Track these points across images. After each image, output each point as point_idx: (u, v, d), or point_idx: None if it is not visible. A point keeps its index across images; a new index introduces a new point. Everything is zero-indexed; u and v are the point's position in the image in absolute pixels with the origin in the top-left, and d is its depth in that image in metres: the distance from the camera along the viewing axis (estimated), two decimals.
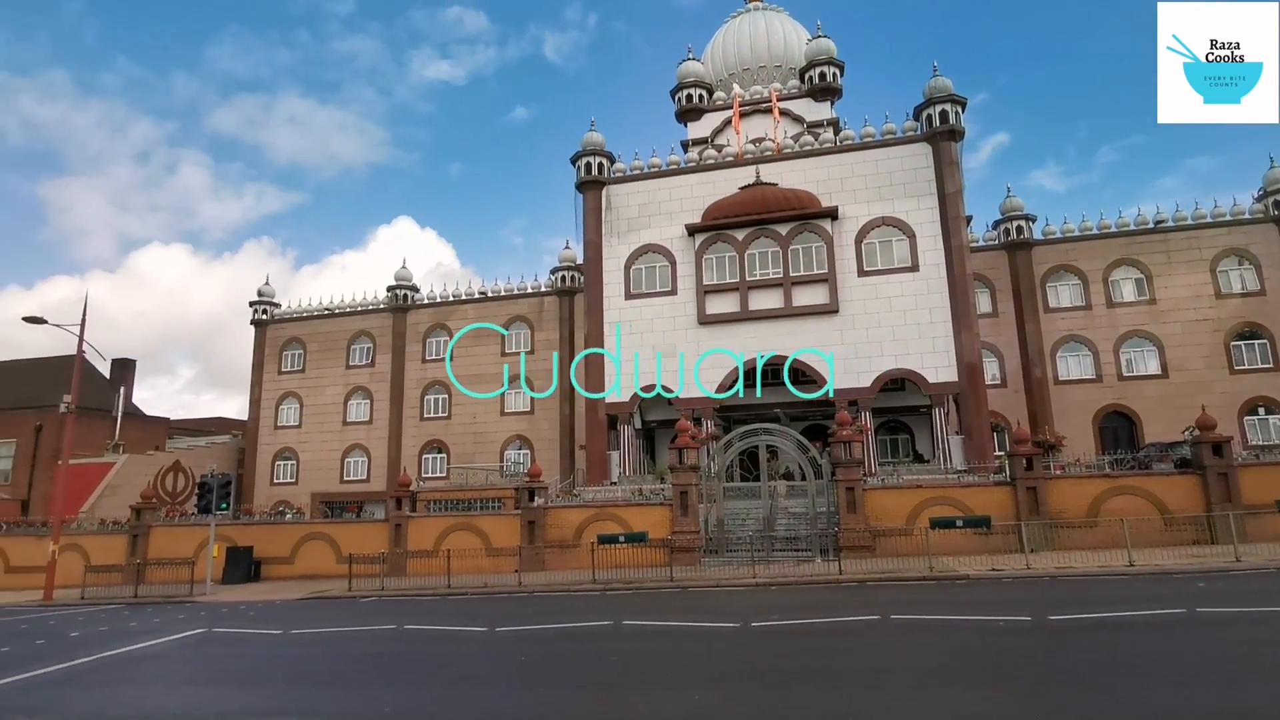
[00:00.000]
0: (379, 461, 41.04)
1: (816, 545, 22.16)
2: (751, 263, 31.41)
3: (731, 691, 8.38)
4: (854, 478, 22.52)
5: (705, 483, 24.21)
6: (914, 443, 34.17)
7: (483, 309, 41.53)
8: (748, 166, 32.89)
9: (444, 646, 12.24)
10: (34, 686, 10.56)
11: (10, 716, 8.79)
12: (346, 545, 24.60)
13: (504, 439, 39.43)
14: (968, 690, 7.88)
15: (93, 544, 27.37)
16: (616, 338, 32.34)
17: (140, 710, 8.88)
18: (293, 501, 40.40)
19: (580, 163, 34.26)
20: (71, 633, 15.88)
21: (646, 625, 13.03)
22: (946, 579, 17.24)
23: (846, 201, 31.29)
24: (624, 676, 9.62)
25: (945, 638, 10.89)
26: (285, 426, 43.28)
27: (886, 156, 31.44)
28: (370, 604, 18.89)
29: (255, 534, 27.09)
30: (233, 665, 11.94)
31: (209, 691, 10.17)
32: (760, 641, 11.42)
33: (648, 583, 19.18)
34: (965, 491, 22.70)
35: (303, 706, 8.53)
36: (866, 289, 30.46)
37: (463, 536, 24.34)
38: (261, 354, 44.56)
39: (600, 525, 23.57)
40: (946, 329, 29.32)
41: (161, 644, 13.78)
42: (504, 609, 16.24)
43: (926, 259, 30.08)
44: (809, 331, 30.47)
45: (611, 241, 33.37)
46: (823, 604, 14.53)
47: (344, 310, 44.14)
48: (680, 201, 33.09)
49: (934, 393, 29.25)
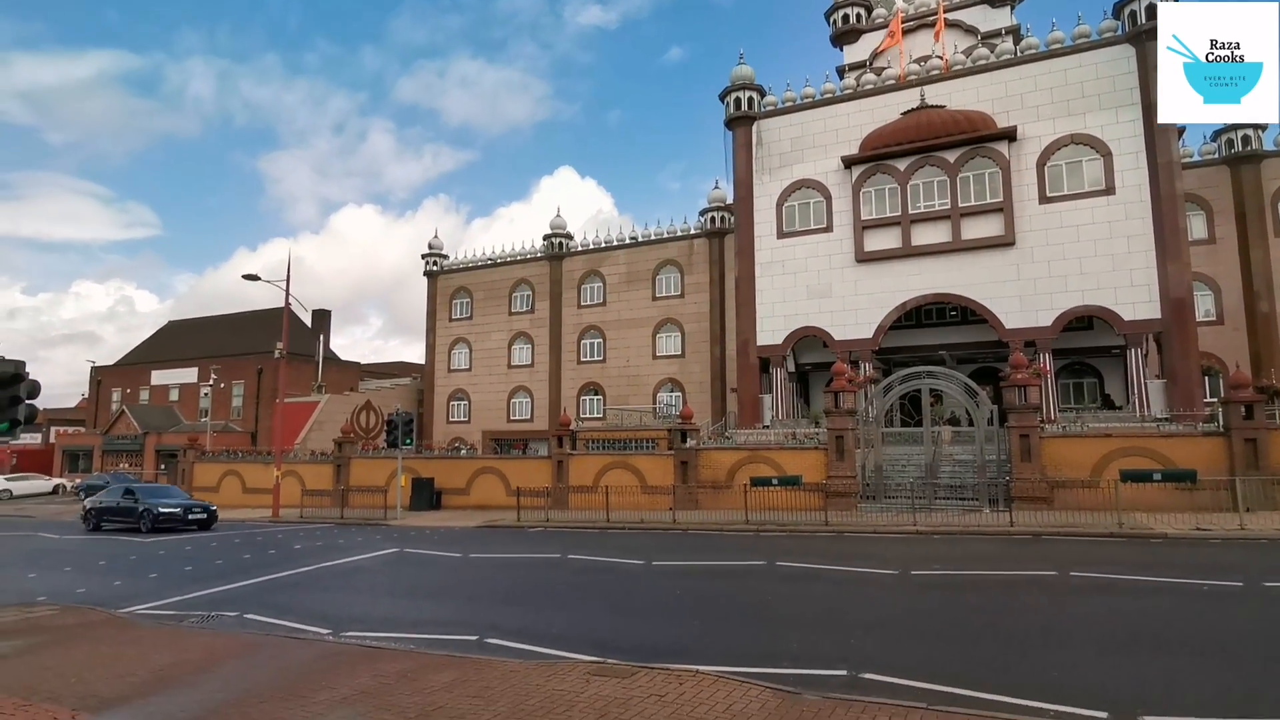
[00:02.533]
0: (541, 402, 43.47)
1: (985, 495, 20.88)
2: (915, 194, 29.25)
3: (888, 639, 8.19)
4: (1029, 424, 20.80)
5: (863, 427, 23.42)
6: (1102, 387, 30.92)
7: (633, 254, 42.08)
8: (911, 89, 30.32)
9: (604, 577, 12.95)
10: (273, 588, 12.48)
11: (260, 610, 10.46)
12: (515, 479, 26.49)
13: (656, 381, 40.26)
14: (1160, 657, 7.17)
15: (306, 471, 31.48)
16: (768, 278, 31.62)
17: (352, 614, 10.23)
18: (466, 438, 43.99)
19: (729, 98, 33.23)
20: (295, 545, 18.51)
21: (800, 567, 13.00)
22: (1139, 536, 15.64)
23: (1027, 120, 28.10)
24: (777, 616, 9.70)
25: (1135, 599, 9.92)
26: (457, 370, 46.84)
27: (1078, 64, 27.72)
28: (537, 534, 20.32)
29: (435, 467, 29.85)
30: (422, 581, 13.38)
31: (405, 602, 11.50)
32: (921, 591, 11.03)
33: (801, 526, 19.07)
34: (1166, 442, 20.28)
35: (482, 621, 9.41)
36: (1049, 217, 27.46)
37: (619, 474, 25.38)
38: (434, 303, 48.19)
39: (753, 468, 23.62)
40: (1148, 259, 25.89)
41: (364, 559, 15.71)
42: (659, 544, 16.85)
43: (1125, 180, 26.50)
44: (980, 267, 28.11)
45: (763, 179, 32.34)
46: (990, 556, 13.74)
47: (505, 260, 46.49)
48: (835, 133, 31.28)
49: (1129, 332, 26.12)
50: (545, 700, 5.91)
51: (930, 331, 31.34)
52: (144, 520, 22.85)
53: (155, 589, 12.66)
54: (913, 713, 5.46)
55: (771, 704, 5.71)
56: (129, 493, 24.59)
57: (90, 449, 49.70)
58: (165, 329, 63.17)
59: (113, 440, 48.66)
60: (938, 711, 5.49)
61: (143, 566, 15.65)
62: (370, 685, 6.47)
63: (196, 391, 50.70)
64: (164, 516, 22.92)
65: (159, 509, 23.04)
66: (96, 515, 24.39)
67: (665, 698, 5.90)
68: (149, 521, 22.78)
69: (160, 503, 23.55)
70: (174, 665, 7.35)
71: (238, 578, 13.53)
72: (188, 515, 23.32)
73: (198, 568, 15.11)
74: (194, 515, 23.46)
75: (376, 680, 6.61)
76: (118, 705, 6.16)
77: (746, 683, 6.25)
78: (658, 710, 5.63)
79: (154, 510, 22.92)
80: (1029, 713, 5.54)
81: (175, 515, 23.15)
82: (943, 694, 6.05)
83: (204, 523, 23.63)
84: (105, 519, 24.23)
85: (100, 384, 56.41)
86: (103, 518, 24.28)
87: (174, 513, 23.20)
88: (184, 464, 34.70)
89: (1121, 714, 5.59)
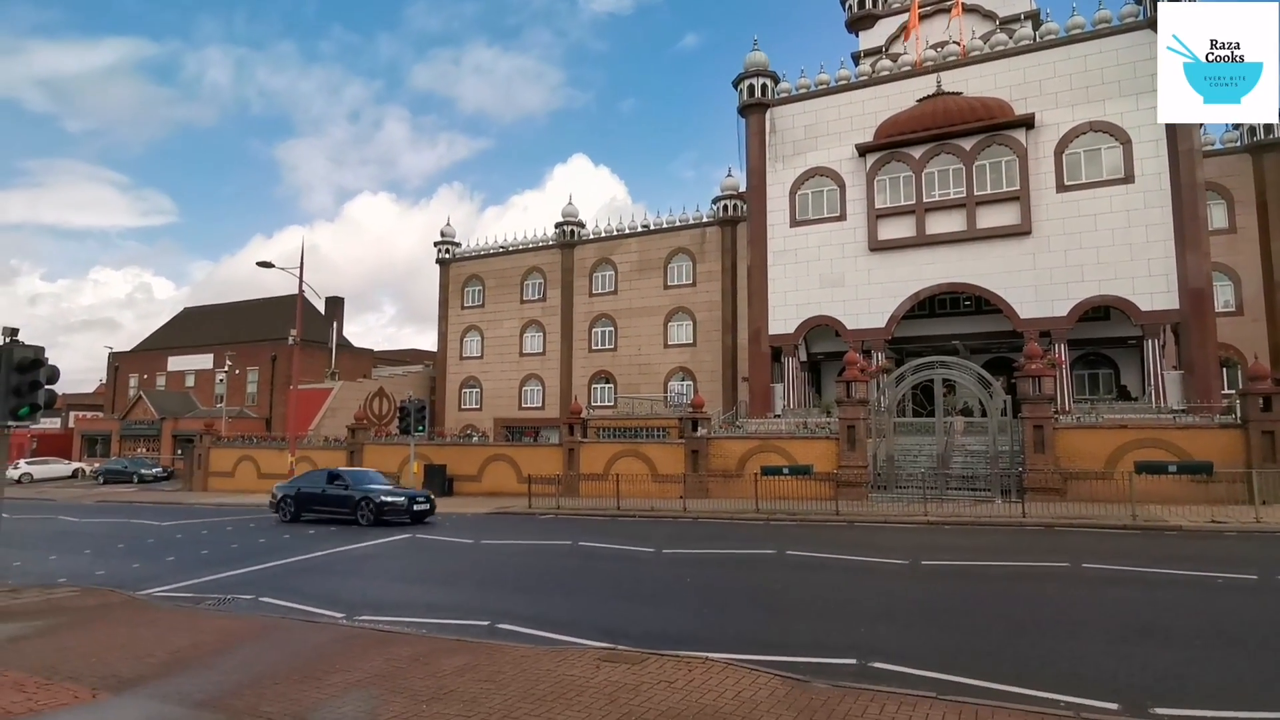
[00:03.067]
0: (552, 390, 43.59)
1: (997, 486, 20.78)
2: (930, 182, 28.96)
3: (898, 628, 8.20)
4: (1043, 415, 20.66)
5: (874, 417, 23.34)
6: (1118, 378, 30.61)
7: (645, 242, 41.96)
8: (927, 76, 29.95)
9: (615, 564, 13.01)
10: (287, 573, 12.64)
11: (275, 594, 10.60)
12: (526, 466, 26.61)
13: (667, 370, 40.25)
14: (1172, 649, 7.13)
15: (320, 457, 31.76)
16: (781, 267, 31.47)
17: (365, 598, 10.35)
18: (478, 425, 44.22)
19: (742, 85, 32.95)
20: (309, 531, 18.71)
21: (810, 557, 13.01)
22: (1153, 529, 15.53)
23: (1045, 107, 27.71)
24: (787, 605, 9.72)
25: (1148, 592, 9.87)
26: (469, 357, 47.02)
27: (1098, 50, 27.27)
28: (548, 521, 20.44)
29: (447, 454, 30.03)
30: (434, 567, 13.51)
31: (417, 588, 11.62)
32: (931, 581, 11.01)
33: (812, 515, 19.06)
34: (1182, 434, 20.09)
35: (494, 607, 9.50)
36: (1066, 206, 27.12)
37: (630, 462, 25.45)
38: (446, 290, 48.32)
39: (763, 457, 23.62)
40: (1167, 248, 25.54)
41: (376, 545, 15.86)
42: (669, 532, 16.91)
43: (1145, 168, 26.11)
44: (995, 256, 27.84)
45: (776, 167, 32.11)
46: (1002, 547, 13.69)
47: (516, 248, 46.50)
48: (850, 120, 30.97)
49: (1147, 322, 25.83)
50: (556, 685, 5.96)
51: (944, 321, 31.10)
52: (363, 511, 19.50)
53: (172, 572, 12.85)
54: (922, 702, 5.47)
55: (780, 691, 5.73)
56: (336, 478, 21.45)
57: (108, 434, 50.39)
58: (181, 315, 63.78)
59: (130, 425, 49.30)
60: (947, 701, 5.49)
61: (160, 550, 15.89)
62: (383, 668, 6.55)
63: (212, 377, 51.21)
64: (388, 507, 19.44)
65: (382, 497, 19.68)
66: (295, 504, 21.24)
67: (675, 684, 5.94)
68: (370, 513, 19.37)
69: (380, 490, 20.27)
70: (191, 647, 7.47)
71: (252, 562, 13.72)
72: (412, 505, 19.72)
73: (213, 551, 15.32)
74: (418, 505, 19.87)
75: (389, 664, 6.69)
76: (137, 685, 6.28)
77: (756, 670, 6.28)
78: (667, 696, 5.66)
79: (375, 499, 19.56)
80: (1039, 703, 5.53)
81: (399, 506, 19.57)
82: (952, 683, 6.05)
83: (426, 514, 19.99)
84: (309, 509, 21.07)
85: (118, 370, 57.08)
86: (305, 507, 21.13)
87: (397, 502, 19.65)
88: (200, 449, 35.11)
89: (1133, 705, 5.57)
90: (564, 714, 5.34)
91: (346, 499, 20.17)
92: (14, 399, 10.34)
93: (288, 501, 21.48)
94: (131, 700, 5.93)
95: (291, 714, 5.49)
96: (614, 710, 5.39)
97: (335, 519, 20.20)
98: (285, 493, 21.83)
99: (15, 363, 10.35)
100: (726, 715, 5.25)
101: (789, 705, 5.42)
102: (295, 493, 21.58)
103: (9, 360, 10.31)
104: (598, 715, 5.30)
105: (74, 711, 5.69)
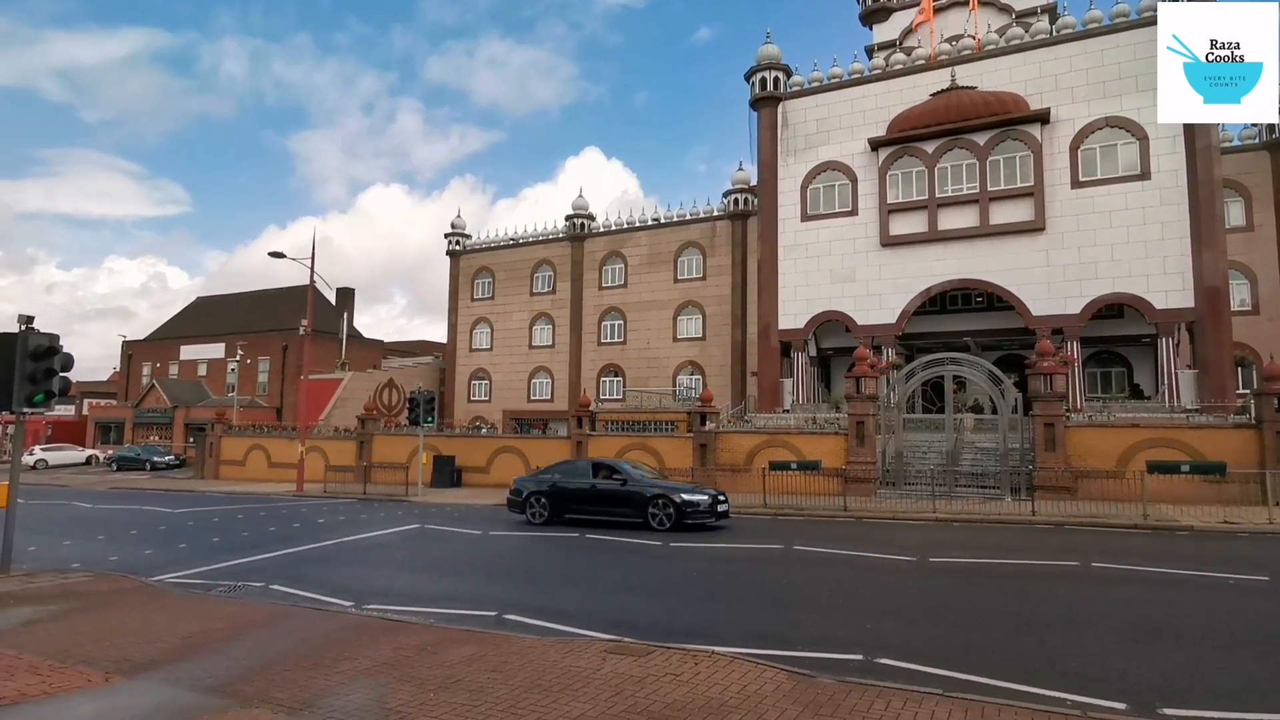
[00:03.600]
0: (561, 383, 43.67)
1: (1007, 483, 20.69)
2: (943, 177, 28.76)
3: (905, 624, 8.18)
4: (1054, 413, 20.53)
5: (884, 413, 23.26)
6: (1131, 376, 30.39)
7: (655, 236, 41.91)
8: (942, 70, 29.71)
9: (622, 557, 13.04)
10: (297, 561, 12.75)
11: (285, 582, 10.70)
12: (534, 458, 26.68)
13: (676, 364, 40.23)
14: (1182, 649, 7.08)
15: (330, 447, 31.97)
16: (791, 261, 31.35)
17: (374, 587, 10.42)
18: (486, 417, 44.39)
19: (754, 78, 32.77)
20: (319, 519, 18.86)
21: (818, 552, 13.00)
22: (1164, 529, 15.43)
23: (1061, 102, 27.44)
24: (794, 599, 9.72)
25: (1158, 591, 9.81)
26: (479, 349, 47.16)
27: (1115, 44, 26.96)
28: None
29: (456, 445, 30.15)
30: (443, 557, 13.58)
31: (425, 577, 11.69)
32: (938, 578, 10.98)
33: (820, 511, 19.03)
34: (1195, 433, 19.91)
35: (501, 597, 9.55)
36: (1081, 202, 26.88)
37: (638, 456, 25.44)
38: (456, 282, 48.44)
39: (772, 452, 23.59)
40: (1183, 246, 25.28)
41: (386, 535, 15.97)
42: None
43: (1161, 164, 25.84)
44: (1007, 252, 27.64)
45: (787, 161, 31.95)
46: (1011, 545, 13.63)
47: (527, 240, 46.54)
48: (863, 114, 30.77)
49: (1161, 320, 25.59)
50: (562, 676, 5.99)
51: (955, 317, 30.94)
52: (656, 512, 15.60)
53: (184, 558, 12.99)
54: (928, 699, 5.46)
55: (786, 686, 5.73)
56: (608, 470, 17.28)
57: (122, 421, 50.88)
58: (194, 305, 64.23)
59: (143, 413, 49.76)
60: (953, 698, 5.48)
61: (172, 536, 16.06)
62: (391, 657, 6.60)
63: (224, 367, 51.61)
64: (691, 508, 15.53)
65: (682, 495, 15.70)
66: (549, 502, 17.12)
67: (681, 677, 5.96)
68: (667, 515, 15.45)
69: (675, 487, 16.41)
70: (202, 633, 7.55)
71: (263, 550, 13.84)
72: (715, 506, 15.99)
73: (224, 539, 15.46)
74: (720, 505, 16.20)
75: (397, 652, 6.74)
76: (149, 669, 6.35)
77: (762, 664, 6.28)
78: (673, 689, 5.68)
79: (674, 498, 15.55)
80: (1046, 702, 5.51)
81: (701, 507, 15.69)
82: (959, 680, 6.04)
83: (725, 515, 16.37)
84: (571, 508, 17.03)
85: (131, 358, 57.58)
86: (564, 507, 17.07)
87: (700, 502, 15.74)
88: (212, 438, 35.40)
89: (1141, 705, 5.55)
90: (570, 705, 5.36)
91: (630, 497, 16.28)
92: (29, 386, 10.46)
93: (538, 500, 17.29)
94: (143, 684, 6.00)
95: (301, 700, 5.54)
96: (620, 702, 5.41)
97: (612, 522, 16.35)
98: (533, 489, 17.62)
99: (31, 350, 10.47)
100: (732, 709, 5.26)
101: (794, 700, 5.43)
102: (550, 488, 17.35)
103: (25, 348, 10.43)
104: (603, 706, 5.33)
105: (87, 694, 5.77)
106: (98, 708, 5.52)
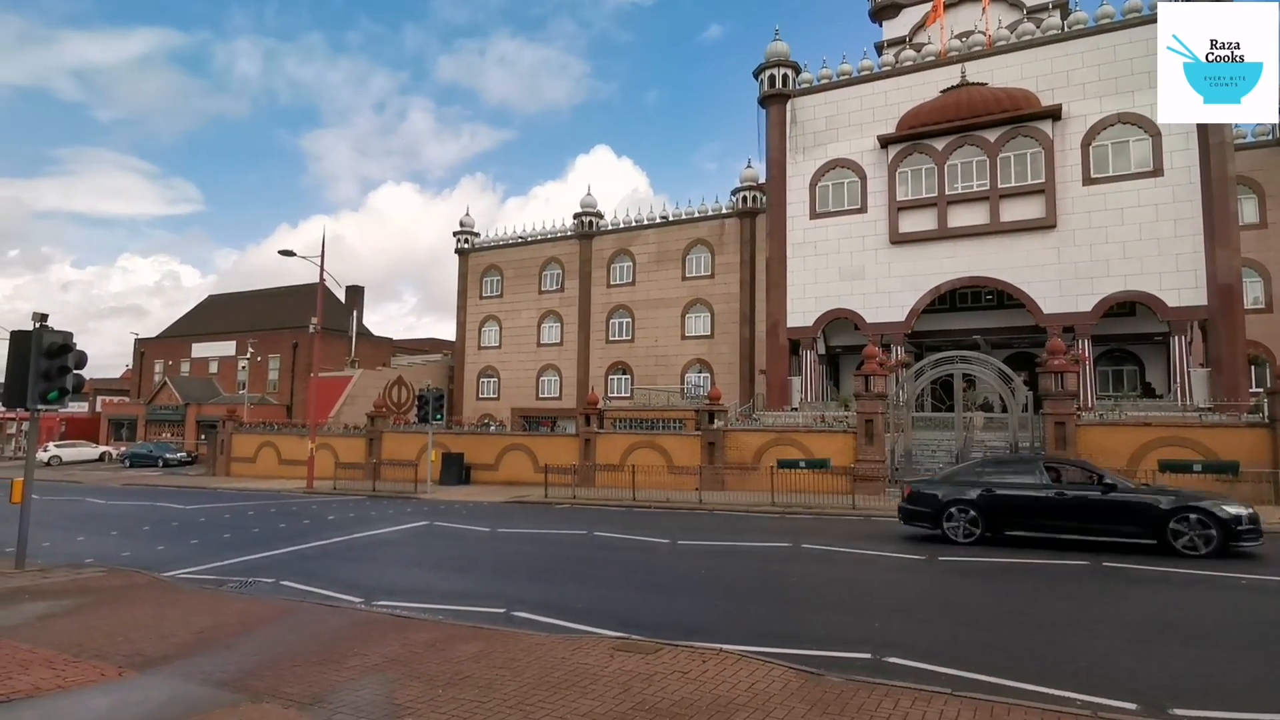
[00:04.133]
0: (569, 380, 43.73)
1: None
2: (953, 175, 28.61)
3: (913, 623, 8.16)
4: (1065, 411, 20.40)
5: (893, 411, 23.17)
6: (1143, 375, 30.16)
7: (663, 233, 41.87)
8: (952, 66, 29.55)
9: (630, 554, 13.06)
10: (307, 557, 12.84)
11: (295, 578, 10.78)
12: (542, 456, 26.74)
13: (684, 362, 40.21)
14: (1193, 649, 7.03)
15: (340, 444, 32.14)
16: (800, 259, 31.27)
17: (383, 584, 10.48)
18: (495, 415, 44.49)
19: (763, 75, 32.69)
20: (329, 516, 18.96)
21: (826, 550, 12.97)
22: None
23: (1072, 99, 27.24)
24: (803, 598, 9.71)
25: (1170, 591, 9.74)
26: (487, 347, 47.29)
27: (1128, 40, 26.73)
28: (564, 510, 20.53)
29: (465, 442, 30.25)
30: (451, 554, 13.64)
31: (434, 574, 11.74)
32: (949, 576, 10.94)
33: (828, 509, 18.99)
34: (1207, 432, 19.75)
35: (510, 594, 9.58)
36: (1092, 199, 26.68)
37: (646, 454, 25.48)
38: (465, 280, 48.57)
39: (780, 450, 23.55)
40: (1195, 243, 25.07)
41: (394, 531, 16.05)
42: (685, 523, 16.92)
43: (1174, 161, 25.62)
44: (1018, 250, 27.47)
45: (796, 158, 31.86)
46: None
47: (535, 238, 46.60)
48: (872, 111, 30.64)
49: (1173, 318, 25.39)
50: (570, 673, 6.01)
51: (964, 315, 30.80)
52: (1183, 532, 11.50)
53: (196, 554, 13.10)
54: (936, 697, 5.45)
55: (794, 684, 5.73)
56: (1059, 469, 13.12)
57: (134, 418, 51.32)
58: (205, 303, 64.68)
59: (156, 410, 50.17)
60: (961, 697, 5.47)
61: (184, 533, 16.19)
62: (400, 653, 6.64)
63: (235, 364, 51.96)
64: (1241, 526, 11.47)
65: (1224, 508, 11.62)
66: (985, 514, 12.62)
67: (688, 674, 5.97)
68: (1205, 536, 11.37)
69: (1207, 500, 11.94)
70: (214, 628, 7.61)
71: (273, 546, 13.94)
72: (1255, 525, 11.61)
73: (235, 535, 15.58)
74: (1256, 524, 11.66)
75: (406, 649, 6.78)
76: (161, 664, 6.42)
77: (769, 662, 6.28)
78: (680, 686, 5.69)
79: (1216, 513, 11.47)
80: (1055, 701, 5.49)
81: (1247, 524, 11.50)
82: (967, 680, 6.02)
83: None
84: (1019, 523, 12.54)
85: (144, 356, 58.05)
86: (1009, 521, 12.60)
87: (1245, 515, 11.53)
88: (223, 435, 35.64)
89: (1151, 705, 5.52)
90: (578, 702, 5.38)
91: (1131, 510, 11.97)
92: (43, 383, 10.57)
93: (961, 511, 12.79)
94: (156, 678, 6.06)
95: (311, 695, 5.58)
96: (627, 699, 5.42)
97: (1094, 544, 12.14)
98: (951, 495, 12.98)
99: (45, 348, 10.58)
100: (739, 707, 5.27)
101: (802, 698, 5.42)
102: (980, 496, 12.72)
103: (39, 345, 10.54)
104: (611, 704, 5.34)
105: (101, 688, 5.83)
106: (111, 701, 5.58)
